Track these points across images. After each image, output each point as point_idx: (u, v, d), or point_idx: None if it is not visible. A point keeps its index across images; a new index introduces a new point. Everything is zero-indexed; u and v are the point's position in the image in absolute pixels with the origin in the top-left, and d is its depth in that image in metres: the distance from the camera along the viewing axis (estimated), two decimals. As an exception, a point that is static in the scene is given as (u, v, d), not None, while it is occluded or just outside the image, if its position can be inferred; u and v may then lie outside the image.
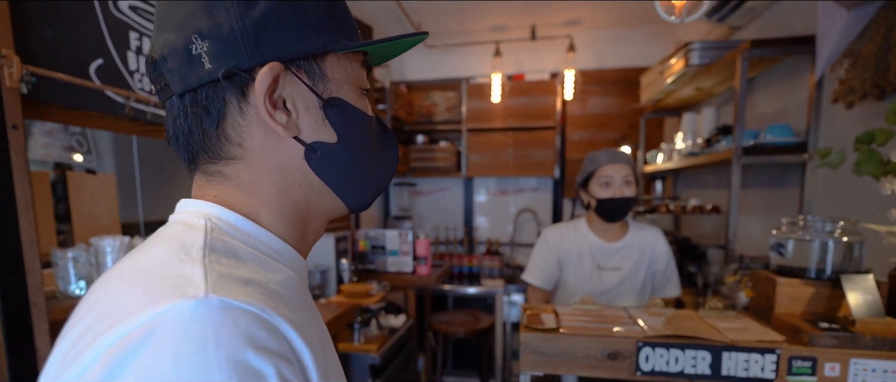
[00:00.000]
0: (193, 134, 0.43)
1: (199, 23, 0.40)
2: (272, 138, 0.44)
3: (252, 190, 0.45)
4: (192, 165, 0.46)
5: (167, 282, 0.33)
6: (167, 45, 0.41)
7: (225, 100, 0.42)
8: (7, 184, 1.11)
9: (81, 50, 1.34)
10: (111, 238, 1.42)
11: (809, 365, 0.99)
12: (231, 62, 0.40)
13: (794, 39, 1.74)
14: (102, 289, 0.38)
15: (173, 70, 0.41)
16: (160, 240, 0.41)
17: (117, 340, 0.30)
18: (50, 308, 1.22)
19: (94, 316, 0.34)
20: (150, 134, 1.63)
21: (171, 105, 0.44)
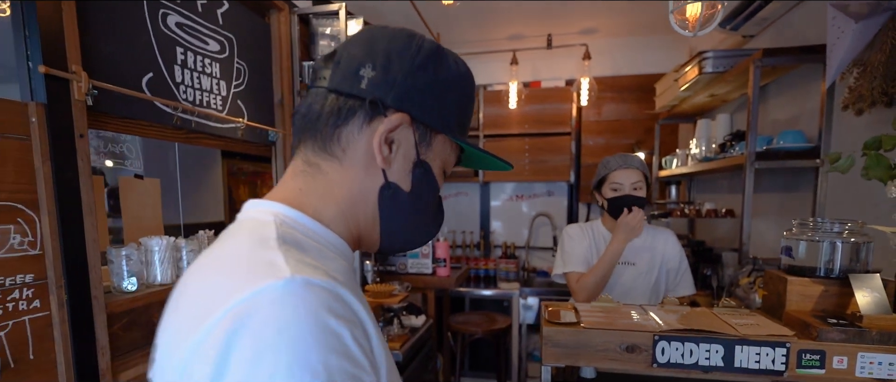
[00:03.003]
0: (320, 120, 0.52)
1: (378, 58, 0.51)
2: (368, 161, 0.52)
3: (332, 189, 0.53)
4: (299, 145, 0.54)
5: (258, 267, 0.40)
6: (350, 55, 0.51)
7: (355, 113, 0.51)
8: (74, 188, 1.22)
9: (135, 64, 1.45)
10: (159, 238, 1.54)
11: (818, 358, 1.05)
12: (378, 94, 0.50)
13: (805, 48, 1.79)
14: (199, 277, 0.45)
15: (339, 72, 0.51)
16: (239, 234, 0.48)
17: (228, 313, 0.37)
18: (107, 302, 1.33)
19: (201, 298, 0.41)
20: (192, 141, 1.74)
21: (316, 93, 0.53)
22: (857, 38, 1.44)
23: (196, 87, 1.71)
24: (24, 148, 1.11)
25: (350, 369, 0.38)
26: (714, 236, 2.91)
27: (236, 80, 1.94)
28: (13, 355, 1.09)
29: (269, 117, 2.17)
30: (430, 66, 0.52)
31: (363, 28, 0.56)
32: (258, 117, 2.06)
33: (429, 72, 0.52)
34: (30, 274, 1.13)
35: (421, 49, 0.52)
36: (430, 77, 0.52)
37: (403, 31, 0.54)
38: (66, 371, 1.20)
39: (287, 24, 2.26)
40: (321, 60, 0.54)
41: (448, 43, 3.52)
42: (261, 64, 2.11)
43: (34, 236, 1.14)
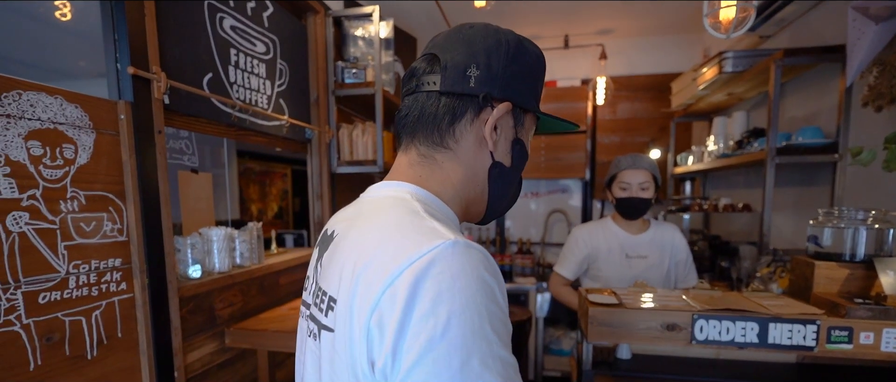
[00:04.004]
0: (435, 120, 0.59)
1: (480, 59, 0.58)
2: (478, 146, 0.61)
3: (448, 175, 0.61)
4: (411, 141, 0.62)
5: (426, 232, 0.49)
6: (454, 60, 0.58)
7: (468, 109, 0.59)
8: (154, 180, 1.32)
9: (198, 65, 1.55)
10: (218, 229, 1.64)
11: (846, 334, 1.14)
12: (487, 90, 0.58)
13: (824, 49, 1.88)
14: (362, 241, 0.52)
15: (448, 77, 0.58)
16: (390, 208, 0.56)
17: (412, 264, 0.46)
18: (178, 287, 1.42)
19: (376, 255, 0.49)
20: (242, 138, 1.84)
21: (427, 96, 0.60)
22: (877, 39, 1.53)
23: (246, 86, 1.81)
24: (114, 143, 1.21)
25: (499, 314, 0.48)
26: (729, 231, 3.00)
27: (279, 79, 2.04)
28: (106, 333, 1.20)
29: (305, 116, 2.27)
30: (519, 56, 0.60)
31: (451, 30, 0.62)
32: (297, 116, 2.16)
33: (519, 62, 0.60)
34: (118, 259, 1.23)
35: (509, 43, 0.60)
36: (520, 66, 0.60)
37: (488, 27, 0.61)
38: (147, 349, 1.30)
39: (322, 26, 2.35)
40: (422, 65, 0.61)
41: (467, 43, 3.62)
42: (299, 64, 2.21)
43: (121, 224, 1.24)
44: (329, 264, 0.57)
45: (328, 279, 0.56)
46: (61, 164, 1.08)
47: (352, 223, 0.58)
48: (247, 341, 1.64)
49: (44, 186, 1.05)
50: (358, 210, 0.61)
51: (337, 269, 0.54)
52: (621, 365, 1.51)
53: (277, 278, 2.02)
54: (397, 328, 0.44)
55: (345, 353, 0.50)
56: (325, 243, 0.62)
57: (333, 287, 0.54)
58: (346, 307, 0.50)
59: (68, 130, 1.10)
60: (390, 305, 0.45)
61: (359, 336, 0.47)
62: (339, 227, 0.60)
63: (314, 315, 0.59)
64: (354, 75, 2.36)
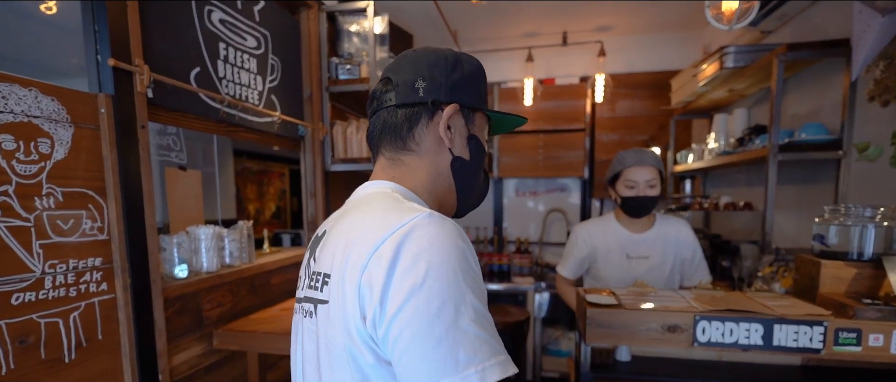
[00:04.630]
0: (396, 129, 0.70)
1: (424, 72, 0.69)
2: (437, 146, 0.71)
3: (416, 174, 0.71)
4: (380, 150, 0.72)
5: (407, 209, 0.59)
6: (404, 78, 0.69)
7: (421, 115, 0.69)
8: (136, 176, 1.27)
9: (184, 59, 1.51)
10: (205, 227, 1.59)
11: (855, 336, 1.10)
12: (433, 96, 0.69)
13: (828, 43, 1.84)
14: (354, 224, 0.61)
15: (400, 92, 0.69)
16: (375, 200, 0.65)
17: (394, 232, 0.55)
18: (163, 287, 1.38)
19: (368, 231, 0.57)
20: (232, 134, 1.80)
21: (387, 111, 0.70)
22: (883, 32, 1.49)
23: (236, 81, 1.76)
24: (94, 137, 1.17)
25: (472, 273, 0.56)
26: (730, 229, 2.96)
27: (271, 75, 1.99)
28: (85, 335, 1.15)
29: (298, 112, 2.22)
30: (457, 66, 0.71)
31: (399, 57, 0.73)
32: (289, 112, 2.11)
33: (458, 70, 0.70)
34: (98, 258, 1.18)
35: (447, 57, 0.70)
36: (460, 74, 0.70)
37: (428, 48, 0.72)
38: (130, 352, 1.25)
39: (316, 21, 2.31)
40: (380, 87, 0.71)
41: (465, 40, 3.57)
42: (292, 60, 2.16)
43: (102, 222, 1.19)
44: (322, 252, 0.65)
45: (322, 262, 0.64)
46: (36, 159, 1.04)
47: (341, 216, 0.68)
48: (236, 342, 1.59)
49: (17, 182, 1.00)
50: (345, 208, 0.70)
51: (329, 252, 0.62)
52: (621, 368, 1.47)
53: (269, 277, 1.97)
54: (383, 282, 0.52)
55: (338, 316, 0.57)
56: (317, 241, 0.70)
57: (326, 266, 0.62)
58: (339, 278, 0.58)
59: (44, 123, 1.05)
60: (377, 265, 0.53)
61: (351, 296, 0.55)
62: (329, 225, 0.69)
63: (308, 296, 0.66)
64: (349, 71, 2.32)
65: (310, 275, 0.67)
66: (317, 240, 0.70)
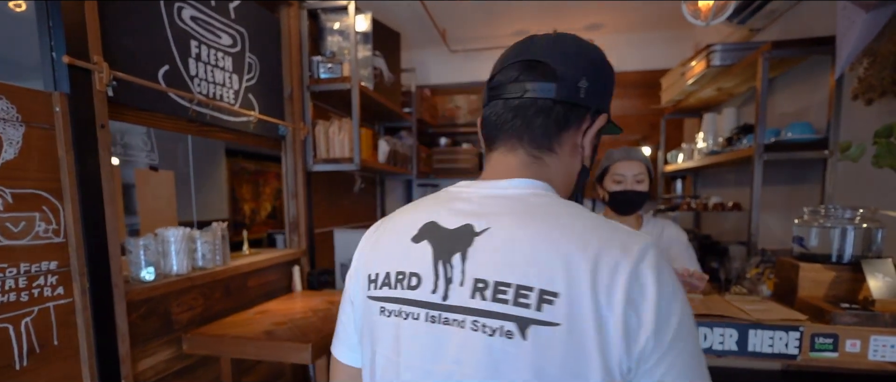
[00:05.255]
0: (546, 126, 0.61)
1: (589, 72, 0.61)
2: (573, 152, 0.64)
3: (554, 178, 0.64)
4: (519, 143, 0.63)
5: (621, 228, 0.55)
6: (566, 72, 0.60)
7: (577, 118, 0.62)
8: (96, 177, 1.24)
9: (152, 57, 1.47)
10: (175, 229, 1.56)
11: (831, 342, 1.06)
12: (595, 102, 0.62)
13: (814, 40, 1.80)
14: (558, 236, 0.54)
15: (564, 87, 0.60)
16: (552, 204, 0.59)
17: (645, 255, 0.51)
18: (126, 290, 1.34)
19: (603, 249, 0.52)
20: (206, 134, 1.76)
21: (533, 102, 0.61)
22: (867, 29, 1.45)
23: (209, 80, 1.73)
24: (49, 137, 1.13)
25: None
26: (720, 230, 2.92)
27: (248, 74, 1.96)
28: (39, 340, 1.11)
29: (279, 112, 2.19)
30: (609, 71, 0.65)
31: (554, 40, 0.63)
32: (269, 111, 2.07)
33: (609, 76, 0.65)
34: (54, 261, 1.15)
35: (603, 58, 0.64)
36: (609, 79, 0.65)
37: (584, 41, 0.64)
38: (89, 358, 1.22)
39: (296, 19, 2.27)
40: (523, 71, 0.61)
41: (454, 39, 3.54)
42: (271, 59, 2.13)
43: (58, 224, 1.15)
44: (497, 259, 0.55)
45: (514, 273, 0.53)
46: (-17, 159, 1.00)
47: (512, 219, 0.57)
48: (206, 347, 1.56)
49: (-38, 183, 0.97)
50: (502, 206, 0.60)
51: (529, 264, 0.53)
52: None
53: (245, 280, 1.94)
54: (654, 311, 0.49)
55: (589, 343, 0.50)
56: (446, 236, 0.59)
57: (540, 280, 0.52)
58: (578, 300, 0.50)
59: (-8, 123, 1.02)
60: (640, 292, 0.50)
61: (613, 323, 0.50)
62: (479, 221, 0.58)
63: (494, 311, 0.54)
64: (330, 70, 2.28)
65: (474, 284, 0.55)
66: (446, 234, 0.59)
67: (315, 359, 1.47)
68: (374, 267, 0.64)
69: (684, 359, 0.50)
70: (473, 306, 0.54)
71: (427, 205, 0.65)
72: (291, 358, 1.47)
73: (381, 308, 0.62)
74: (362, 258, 0.67)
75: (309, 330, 1.58)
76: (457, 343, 0.55)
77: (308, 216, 2.41)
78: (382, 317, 0.61)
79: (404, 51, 3.36)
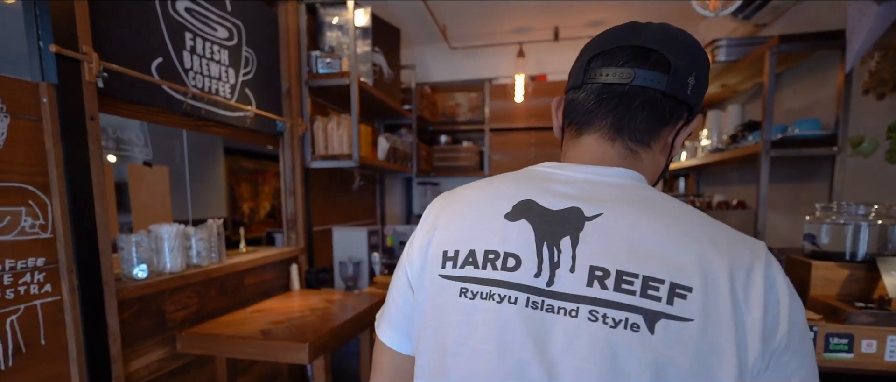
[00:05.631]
0: (651, 119, 0.58)
1: (698, 68, 0.58)
2: (662, 149, 0.61)
3: (646, 171, 0.61)
4: (618, 134, 0.59)
5: (740, 233, 0.53)
6: (679, 65, 0.56)
7: (678, 115, 0.59)
8: (85, 171, 1.20)
9: (145, 49, 1.43)
10: (168, 226, 1.52)
11: (846, 342, 1.03)
12: (697, 102, 0.60)
13: (822, 34, 1.77)
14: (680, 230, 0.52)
15: (675, 81, 0.56)
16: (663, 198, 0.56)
17: (768, 259, 0.50)
18: (118, 288, 1.31)
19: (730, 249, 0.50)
20: (201, 129, 1.72)
21: (643, 91, 0.57)
22: (878, 21, 1.41)
23: (205, 73, 1.69)
24: (36, 129, 1.09)
25: None
26: (723, 229, 2.88)
27: (244, 68, 1.92)
28: (25, 339, 1.08)
29: (276, 107, 2.15)
30: (709, 69, 0.62)
31: (667, 29, 0.58)
32: (266, 107, 2.04)
33: (708, 75, 0.62)
34: (41, 258, 1.11)
35: (707, 56, 0.61)
36: (708, 78, 0.62)
37: (691, 37, 0.60)
38: (78, 357, 1.18)
39: (295, 13, 2.23)
40: (631, 56, 0.57)
41: (454, 36, 3.50)
42: (269, 53, 2.09)
43: (45, 220, 1.12)
44: (618, 247, 0.52)
45: (640, 263, 0.50)
46: (-34, 151, 0.96)
47: (628, 207, 0.54)
48: (201, 346, 1.52)
49: (-57, 175, 0.93)
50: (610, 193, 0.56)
51: (656, 255, 0.50)
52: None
53: (242, 278, 1.90)
54: (788, 314, 0.49)
55: (723, 343, 0.48)
56: (551, 217, 0.55)
57: (670, 274, 0.49)
58: (714, 296, 0.48)
59: (-24, 113, 0.98)
60: (773, 294, 0.49)
61: (750, 322, 0.48)
62: (588, 206, 0.54)
63: (618, 301, 0.50)
64: (328, 65, 2.25)
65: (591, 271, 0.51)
66: (553, 215, 0.55)
67: (312, 359, 1.44)
68: (452, 243, 0.59)
69: (810, 357, 0.51)
70: (591, 294, 0.50)
71: (514, 181, 0.61)
72: (288, 358, 1.43)
73: (461, 290, 0.56)
74: (435, 232, 0.61)
75: (306, 329, 1.54)
76: (566, 332, 0.50)
77: (306, 214, 2.37)
78: (463, 299, 0.56)
79: (404, 47, 3.33)
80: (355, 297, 2.09)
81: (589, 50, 0.61)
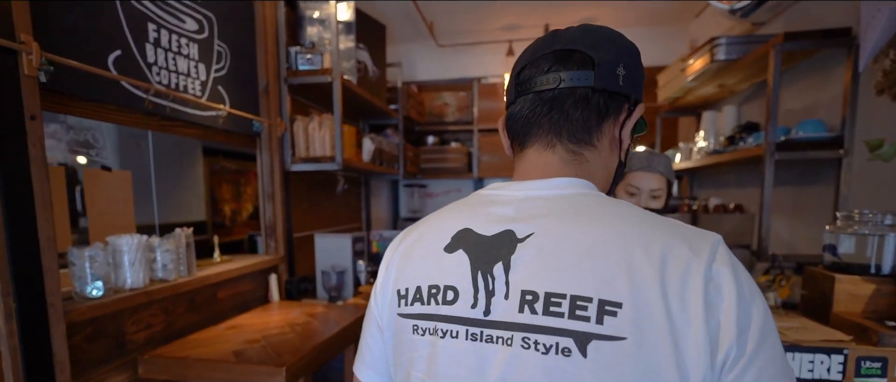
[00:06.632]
0: (586, 117, 0.56)
1: (625, 58, 0.57)
2: (611, 147, 0.59)
3: (595, 176, 0.59)
4: (556, 139, 0.57)
5: (690, 227, 0.50)
6: (603, 58, 0.55)
7: (614, 109, 0.57)
8: (25, 178, 1.05)
9: (100, 40, 1.28)
10: (129, 237, 1.37)
11: (879, 366, 0.94)
12: (633, 91, 0.57)
13: (828, 32, 1.69)
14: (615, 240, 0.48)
15: (602, 74, 0.55)
16: (606, 203, 0.53)
17: (716, 256, 0.46)
18: (67, 310, 1.15)
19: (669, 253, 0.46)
20: (168, 130, 1.57)
21: (562, 92, 0.56)
22: (892, 19, 1.34)
23: (171, 69, 1.54)
24: (-39, 130, 0.94)
25: None
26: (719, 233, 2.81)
27: (217, 63, 1.77)
28: (-52, 376, 0.92)
29: (253, 106, 2.00)
30: (640, 60, 0.60)
31: (586, 29, 0.58)
32: (242, 106, 1.89)
33: (641, 66, 0.60)
34: (-31, 280, 0.95)
35: (635, 46, 0.60)
36: (642, 70, 0.60)
37: (613, 30, 0.60)
38: (16, 392, 1.03)
39: (272, 6, 2.09)
40: (554, 62, 0.56)
41: (442, 33, 3.38)
42: (244, 48, 1.94)
43: (-26, 235, 0.96)
44: (547, 267, 0.50)
45: (567, 282, 0.48)
46: None
47: (559, 221, 0.52)
48: (166, 371, 1.37)
49: None
50: (545, 208, 0.54)
51: (583, 270, 0.48)
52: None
53: (215, 291, 1.75)
54: (736, 319, 0.44)
55: (660, 358, 0.44)
56: (484, 244, 0.54)
57: (598, 290, 0.47)
58: (646, 309, 0.45)
59: None
60: (718, 297, 0.45)
61: (691, 334, 0.44)
62: (520, 226, 0.53)
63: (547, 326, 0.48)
64: (309, 61, 2.11)
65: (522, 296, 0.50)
66: (485, 242, 0.54)
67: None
68: (404, 281, 0.59)
69: (773, 368, 0.45)
70: (522, 321, 0.49)
71: (457, 210, 0.61)
72: (263, 384, 1.30)
73: (413, 327, 0.57)
74: (390, 271, 0.62)
75: (284, 350, 1.41)
76: (504, 362, 0.50)
77: (286, 220, 2.22)
78: (416, 336, 0.57)
79: (390, 45, 3.19)
80: (339, 309, 1.96)
81: (518, 64, 0.61)
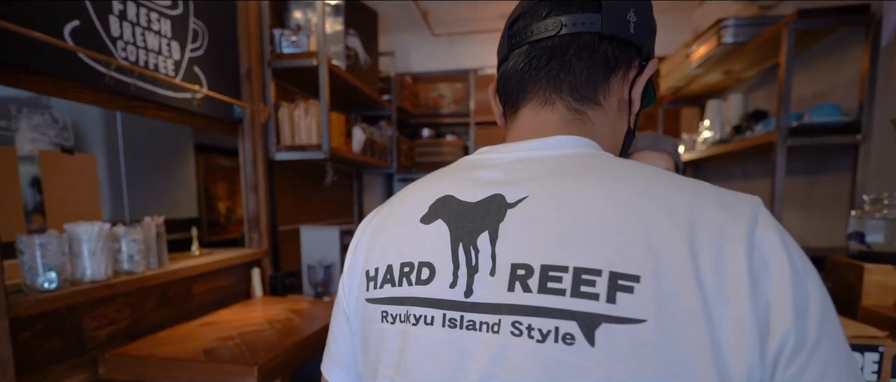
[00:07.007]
0: (591, 68, 0.48)
1: (637, 4, 0.49)
2: (619, 108, 0.51)
3: (600, 137, 0.50)
4: (556, 94, 0.49)
5: (720, 188, 0.41)
6: (609, 3, 0.47)
7: (624, 61, 0.49)
8: (-41, 154, 0.93)
9: (53, 7, 1.17)
10: (88, 224, 1.25)
11: (920, 366, 0.83)
12: (645, 42, 0.50)
13: (845, 8, 1.59)
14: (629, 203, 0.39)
15: (610, 18, 0.47)
16: (614, 163, 0.45)
17: (758, 220, 0.37)
18: (11, 304, 1.04)
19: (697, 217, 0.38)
20: (136, 110, 1.46)
21: (563, 40, 0.48)
22: (921, -13, 1.23)
23: (140, 45, 1.42)
24: None
25: None
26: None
27: (193, 43, 1.66)
28: None
29: (234, 90, 1.89)
30: (651, 5, 0.52)
31: None
32: (221, 89, 1.77)
33: (652, 17, 0.52)
34: None
35: None
36: (653, 22, 0.53)
37: None
38: (-53, 395, 0.92)
39: (255, -15, 1.98)
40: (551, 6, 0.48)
41: (437, 22, 3.27)
42: (224, 28, 1.83)
43: None
44: (542, 234, 0.41)
45: (569, 252, 0.39)
46: None
47: (558, 181, 0.44)
48: (128, 371, 1.26)
49: None
50: (541, 169, 0.46)
51: (591, 237, 0.39)
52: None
53: (189, 285, 1.64)
54: (792, 297, 0.35)
55: (683, 343, 0.35)
56: (468, 211, 0.46)
57: (610, 260, 0.37)
58: (672, 284, 0.35)
59: None
60: (765, 269, 0.36)
61: (730, 313, 0.35)
62: (511, 190, 0.44)
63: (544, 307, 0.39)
64: (294, 44, 1.99)
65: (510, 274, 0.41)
66: (469, 208, 0.46)
67: (263, 385, 1.19)
68: (373, 261, 0.50)
69: (838, 360, 0.35)
70: (513, 301, 0.40)
71: (438, 177, 0.52)
72: (233, 385, 1.18)
73: (382, 314, 0.48)
74: (359, 250, 0.53)
75: (259, 347, 1.29)
76: (488, 354, 0.40)
77: (270, 212, 2.11)
78: (385, 325, 0.48)
79: (383, 34, 3.08)
80: (325, 305, 1.84)
81: (511, 16, 0.54)
